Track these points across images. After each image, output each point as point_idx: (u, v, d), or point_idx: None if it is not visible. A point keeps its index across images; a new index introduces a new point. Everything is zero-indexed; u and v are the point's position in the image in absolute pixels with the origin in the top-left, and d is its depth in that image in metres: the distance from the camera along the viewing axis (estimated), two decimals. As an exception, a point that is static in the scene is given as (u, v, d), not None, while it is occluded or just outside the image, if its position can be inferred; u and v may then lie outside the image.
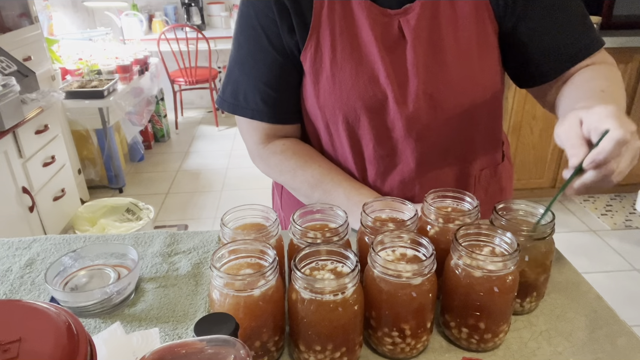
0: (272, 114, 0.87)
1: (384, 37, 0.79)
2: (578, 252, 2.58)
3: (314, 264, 0.61)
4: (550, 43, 0.81)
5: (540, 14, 0.79)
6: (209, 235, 0.89)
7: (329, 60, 0.80)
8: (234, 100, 0.88)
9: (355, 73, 0.79)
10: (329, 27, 0.79)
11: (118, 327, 0.68)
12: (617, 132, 0.57)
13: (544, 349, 0.64)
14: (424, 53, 0.78)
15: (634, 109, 2.83)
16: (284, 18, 0.80)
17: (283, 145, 0.90)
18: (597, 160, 0.58)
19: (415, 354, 0.63)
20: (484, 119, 0.86)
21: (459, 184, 0.90)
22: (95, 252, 0.80)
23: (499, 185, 0.95)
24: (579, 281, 0.77)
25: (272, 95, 0.85)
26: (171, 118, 4.47)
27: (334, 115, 0.83)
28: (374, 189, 0.90)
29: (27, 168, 2.30)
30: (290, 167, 0.89)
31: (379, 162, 0.87)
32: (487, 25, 0.79)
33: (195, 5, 4.35)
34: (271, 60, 0.83)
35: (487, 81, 0.82)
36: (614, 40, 2.64)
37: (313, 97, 0.83)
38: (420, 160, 0.85)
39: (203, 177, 3.55)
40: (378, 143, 0.84)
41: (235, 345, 0.44)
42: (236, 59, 0.87)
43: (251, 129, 0.91)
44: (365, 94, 0.80)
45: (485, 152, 0.91)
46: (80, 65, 3.15)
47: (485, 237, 0.64)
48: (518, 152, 2.87)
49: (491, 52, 0.81)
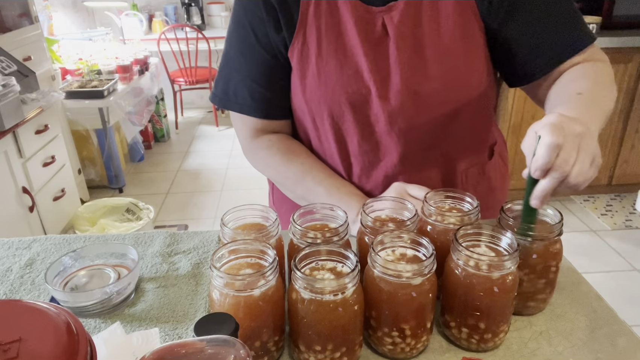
0: (260, 109, 0.90)
1: (368, 33, 0.80)
2: (578, 252, 2.58)
3: (314, 264, 0.61)
4: (537, 41, 0.81)
5: (527, 13, 0.80)
6: (209, 235, 0.90)
7: (315, 56, 0.82)
8: (224, 95, 0.91)
9: (340, 68, 0.81)
10: (315, 24, 0.81)
11: (118, 327, 0.68)
12: (546, 138, 0.58)
13: (544, 349, 0.64)
14: (406, 49, 0.80)
15: (634, 108, 2.83)
16: (271, 16, 0.82)
17: (269, 140, 0.93)
18: (536, 167, 0.60)
19: (415, 354, 0.63)
20: (470, 116, 0.86)
21: (445, 182, 0.91)
22: (95, 252, 0.80)
23: (488, 184, 0.96)
24: (579, 281, 0.77)
25: (260, 91, 0.88)
26: (171, 118, 4.47)
27: (319, 110, 0.85)
28: (359, 184, 0.91)
29: (27, 168, 2.30)
30: (275, 162, 0.92)
31: (363, 157, 0.88)
32: (472, 23, 0.80)
33: (195, 5, 4.35)
34: (259, 58, 0.86)
35: (472, 78, 0.83)
36: (614, 40, 2.64)
37: (300, 92, 0.85)
38: (404, 155, 0.86)
39: (203, 177, 3.55)
40: (362, 138, 0.86)
41: (235, 345, 0.44)
42: (227, 56, 0.90)
43: (242, 124, 0.94)
44: (349, 89, 0.82)
45: (471, 150, 0.91)
46: (80, 65, 3.15)
47: (485, 237, 0.65)
48: (518, 152, 2.86)
49: (477, 50, 0.82)
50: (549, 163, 0.59)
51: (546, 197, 0.62)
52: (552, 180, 0.60)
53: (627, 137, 2.90)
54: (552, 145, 0.58)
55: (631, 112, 2.84)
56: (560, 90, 0.78)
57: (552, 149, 0.58)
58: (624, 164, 2.96)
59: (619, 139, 2.90)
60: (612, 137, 2.89)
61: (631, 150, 2.93)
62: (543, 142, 0.59)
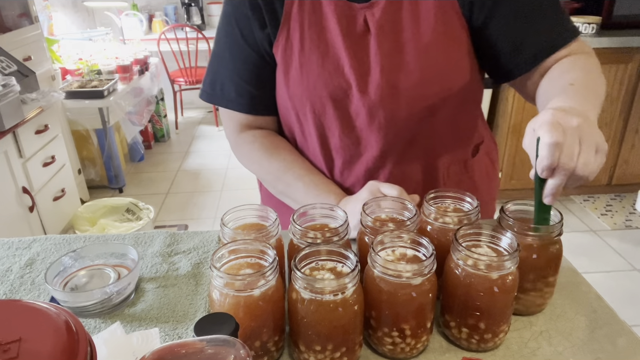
0: (246, 105, 0.92)
1: (350, 29, 0.82)
2: (578, 252, 2.58)
3: (314, 264, 0.61)
4: (521, 38, 0.82)
5: (510, 10, 0.80)
6: (209, 235, 0.90)
7: (298, 51, 0.84)
8: (211, 90, 0.93)
9: (321, 63, 0.83)
10: (298, 21, 0.84)
11: (118, 327, 0.68)
12: (545, 138, 0.59)
13: (544, 349, 0.64)
14: (386, 44, 0.81)
15: (634, 108, 2.83)
16: (256, 14, 0.85)
17: (253, 136, 0.95)
18: (542, 168, 0.60)
19: (415, 354, 0.63)
20: (451, 112, 0.87)
21: (426, 177, 0.91)
22: (95, 252, 0.80)
23: (472, 182, 0.96)
24: (579, 281, 0.77)
25: (246, 87, 0.90)
26: (171, 118, 4.47)
27: (302, 104, 0.86)
28: (340, 179, 0.92)
29: (27, 168, 2.30)
30: (258, 157, 0.94)
31: (345, 152, 0.89)
32: (454, 21, 0.81)
33: (195, 5, 4.35)
34: (245, 55, 0.88)
35: (453, 74, 0.83)
36: (614, 40, 2.64)
37: (284, 87, 0.87)
38: (385, 149, 0.87)
39: (203, 177, 3.55)
40: (343, 132, 0.87)
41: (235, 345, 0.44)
42: (216, 52, 0.93)
43: (228, 119, 0.97)
44: (330, 83, 0.83)
45: (453, 146, 0.92)
46: (80, 65, 3.15)
47: (485, 237, 0.65)
48: (518, 152, 2.87)
49: (459, 47, 0.83)
50: (553, 162, 0.59)
51: (558, 193, 0.62)
52: (560, 178, 0.60)
53: (627, 137, 2.90)
54: (553, 145, 0.58)
55: (631, 112, 2.84)
56: (551, 83, 0.79)
57: (554, 148, 0.58)
58: (624, 164, 2.96)
59: (619, 139, 2.90)
60: (612, 137, 2.89)
61: (631, 150, 2.93)
62: (543, 142, 0.59)
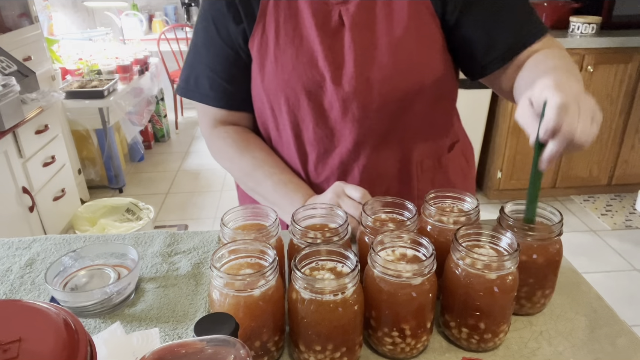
0: (219, 99, 0.93)
1: (325, 24, 0.84)
2: (578, 252, 2.58)
3: (314, 264, 0.61)
4: (494, 34, 0.84)
5: (482, 7, 0.83)
6: (209, 235, 0.90)
7: (273, 45, 0.85)
8: (186, 84, 0.94)
9: (296, 56, 0.84)
10: (274, 16, 0.85)
11: (118, 327, 0.68)
12: (554, 99, 0.59)
13: (544, 349, 0.64)
14: (360, 39, 0.83)
15: (634, 108, 2.83)
16: (232, 10, 0.86)
17: (226, 132, 0.95)
18: (548, 130, 0.60)
19: (415, 354, 0.63)
20: (425, 107, 0.88)
21: (400, 171, 0.92)
22: (95, 252, 0.80)
23: (446, 179, 0.97)
24: (579, 281, 0.77)
25: (220, 83, 0.91)
26: (171, 118, 4.46)
27: (277, 98, 0.87)
28: (315, 172, 0.93)
29: (27, 168, 2.30)
30: (229, 153, 0.94)
31: (319, 144, 0.90)
32: (427, 19, 0.83)
33: (195, 5, 4.35)
34: (220, 51, 0.89)
35: (425, 69, 0.85)
36: (614, 40, 2.64)
37: (259, 81, 0.88)
38: (358, 142, 0.88)
39: (203, 177, 3.55)
40: (317, 124, 0.88)
41: (235, 345, 0.44)
42: (192, 47, 0.94)
43: (202, 113, 0.97)
44: (304, 76, 0.84)
45: (426, 141, 0.93)
46: (80, 65, 3.15)
47: (485, 237, 0.65)
48: (518, 152, 2.87)
49: (431, 44, 0.84)
50: (559, 124, 0.59)
51: (554, 160, 0.63)
52: (560, 142, 0.61)
53: (627, 137, 2.90)
54: (561, 106, 0.59)
55: (631, 112, 2.84)
56: (532, 70, 0.80)
57: (561, 110, 0.59)
58: (624, 164, 2.96)
59: (619, 139, 2.90)
60: (612, 137, 2.89)
61: (631, 150, 2.93)
62: (552, 103, 0.59)
